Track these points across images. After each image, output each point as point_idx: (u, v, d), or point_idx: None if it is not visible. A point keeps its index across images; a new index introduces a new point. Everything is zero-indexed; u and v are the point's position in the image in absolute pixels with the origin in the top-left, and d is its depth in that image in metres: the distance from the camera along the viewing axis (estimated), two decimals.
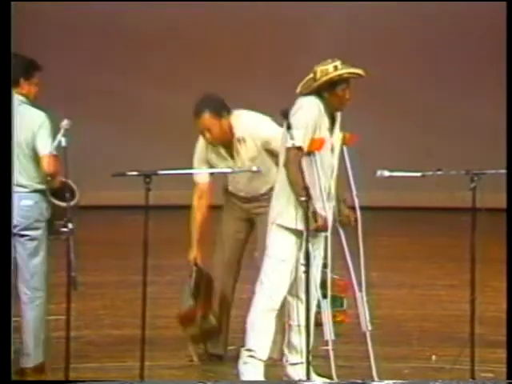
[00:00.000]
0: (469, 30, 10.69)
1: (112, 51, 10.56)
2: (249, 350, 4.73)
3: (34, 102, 4.94)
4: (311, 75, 4.75)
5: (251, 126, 5.12)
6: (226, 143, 5.12)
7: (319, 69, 4.73)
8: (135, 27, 10.58)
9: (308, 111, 4.71)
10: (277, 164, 4.93)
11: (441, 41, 10.69)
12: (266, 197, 5.05)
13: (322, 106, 4.73)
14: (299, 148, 4.65)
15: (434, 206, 10.19)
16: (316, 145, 4.70)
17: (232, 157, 5.13)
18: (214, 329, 5.17)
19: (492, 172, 4.79)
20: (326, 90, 4.71)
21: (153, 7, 10.50)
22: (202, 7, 10.53)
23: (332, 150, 4.78)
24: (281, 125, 4.80)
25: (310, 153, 4.71)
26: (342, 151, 4.84)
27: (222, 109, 5.09)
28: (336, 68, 4.71)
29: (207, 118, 5.06)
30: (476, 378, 4.68)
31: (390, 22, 10.66)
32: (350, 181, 4.83)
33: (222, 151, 5.15)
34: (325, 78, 4.69)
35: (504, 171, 4.92)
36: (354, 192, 4.84)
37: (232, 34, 10.52)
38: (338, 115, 4.84)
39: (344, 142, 4.84)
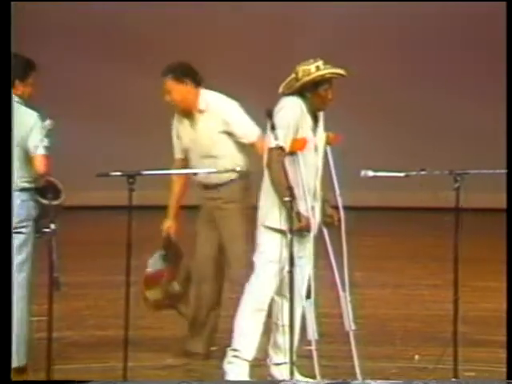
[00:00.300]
0: (454, 30, 10.72)
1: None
2: (234, 350, 4.72)
3: (28, 102, 4.92)
4: (293, 75, 4.75)
5: (215, 102, 5.19)
6: (189, 113, 5.19)
7: (301, 69, 4.72)
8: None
9: (289, 111, 4.70)
10: (239, 151, 4.97)
11: (425, 41, 10.71)
12: (225, 187, 5.07)
13: (304, 106, 4.73)
14: (281, 148, 4.65)
15: (417, 205, 10.20)
16: (298, 145, 4.70)
17: (194, 128, 5.20)
18: (177, 296, 5.20)
19: (475, 172, 4.80)
20: (309, 90, 4.71)
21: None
22: (195, 7, 10.51)
23: (315, 149, 4.77)
24: (266, 125, 4.79)
25: (292, 153, 4.71)
26: (325, 151, 4.83)
27: (185, 75, 5.17)
28: (318, 68, 4.70)
29: (169, 80, 5.17)
30: (459, 378, 4.68)
31: (376, 21, 10.67)
32: (334, 180, 4.82)
33: (186, 121, 5.24)
34: (307, 78, 4.69)
35: (487, 171, 4.93)
36: (338, 192, 4.83)
37: (226, 34, 10.53)
38: (321, 115, 4.83)
39: (328, 142, 4.84)
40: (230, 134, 5.12)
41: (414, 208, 10.21)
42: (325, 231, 4.80)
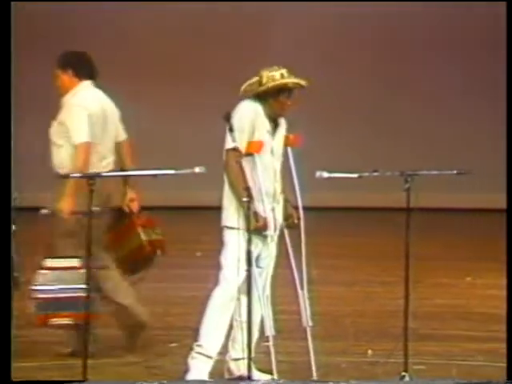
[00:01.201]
0: (406, 30, 10.80)
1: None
2: (199, 346, 4.77)
3: None
4: (257, 78, 4.82)
5: (75, 96, 5.41)
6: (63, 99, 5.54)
7: (265, 74, 4.81)
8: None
9: (246, 115, 4.79)
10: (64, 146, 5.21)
11: (379, 42, 10.79)
12: (62, 181, 5.18)
13: (262, 110, 4.81)
14: (236, 150, 4.74)
15: (370, 205, 10.31)
16: (254, 147, 4.78)
17: (60, 112, 5.49)
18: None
19: (425, 173, 4.88)
20: (271, 96, 4.81)
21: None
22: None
23: (272, 152, 4.84)
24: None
25: (249, 155, 4.78)
26: (286, 152, 4.90)
27: (65, 65, 5.47)
28: (282, 76, 4.80)
29: (55, 67, 5.50)
30: (408, 371, 4.77)
31: (327, 23, 10.73)
32: (294, 181, 4.89)
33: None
34: (271, 84, 4.78)
35: (436, 172, 5.02)
36: (298, 192, 4.90)
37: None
38: (283, 120, 4.91)
39: (288, 143, 4.91)
40: (64, 128, 5.35)
41: (366, 208, 10.32)
42: (285, 231, 4.86)
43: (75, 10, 10.44)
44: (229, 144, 4.74)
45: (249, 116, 4.78)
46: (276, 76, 4.77)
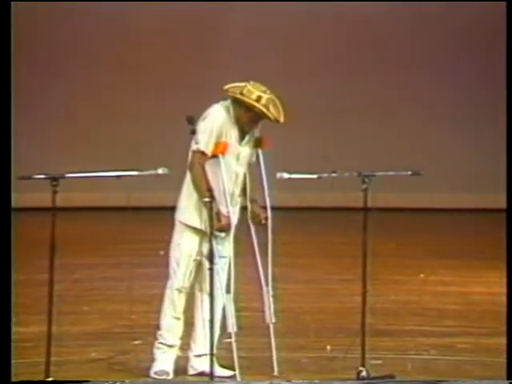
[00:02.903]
0: (370, 30, 10.81)
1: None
2: (160, 336, 4.88)
3: None
4: (243, 85, 4.82)
5: None
6: None
7: (249, 87, 4.81)
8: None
9: (214, 118, 4.81)
10: None
11: (346, 46, 10.80)
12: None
13: (233, 116, 4.81)
14: (202, 152, 4.76)
15: (328, 205, 10.35)
16: (220, 148, 4.79)
17: None
18: None
19: (381, 174, 4.91)
20: (244, 108, 4.81)
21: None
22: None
23: (237, 157, 4.85)
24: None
25: (214, 156, 4.79)
26: (257, 154, 4.90)
27: None
28: (259, 99, 4.78)
29: None
30: (365, 366, 4.79)
31: (284, 22, 10.71)
32: (264, 182, 4.88)
33: None
34: (245, 100, 4.78)
35: (392, 173, 5.05)
36: (267, 192, 4.91)
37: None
38: (255, 131, 4.89)
39: (259, 145, 4.90)
40: None
41: (325, 208, 10.36)
42: (252, 229, 4.87)
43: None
44: (193, 146, 4.75)
45: (218, 119, 4.79)
46: (253, 96, 4.76)
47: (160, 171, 4.87)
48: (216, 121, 4.77)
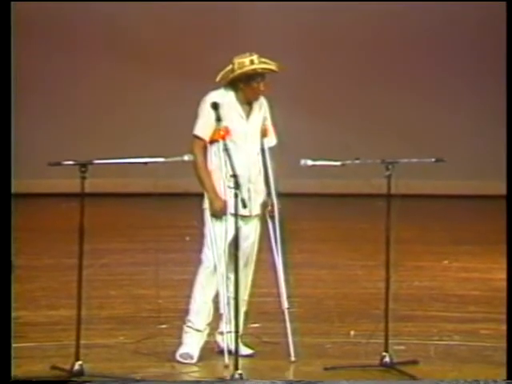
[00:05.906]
0: (389, 29, 10.77)
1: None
2: (188, 321, 4.88)
3: None
4: (230, 66, 4.81)
5: None
6: None
7: (237, 61, 4.80)
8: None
9: (207, 102, 4.77)
10: None
11: (365, 39, 10.75)
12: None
13: (235, 97, 4.80)
14: (198, 137, 4.80)
15: (352, 192, 10.30)
16: (218, 134, 4.77)
17: None
18: None
19: (405, 161, 4.87)
20: (242, 82, 4.79)
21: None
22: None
23: (245, 136, 4.81)
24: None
25: (215, 141, 4.78)
26: (262, 143, 4.87)
27: None
28: (252, 62, 4.77)
29: None
30: (389, 351, 4.76)
31: (317, 18, 10.67)
32: (269, 170, 4.86)
33: None
34: (240, 71, 4.76)
35: (415, 160, 5.01)
36: (271, 180, 4.87)
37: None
38: (260, 103, 4.85)
39: (264, 135, 4.87)
40: None
41: (348, 194, 10.32)
42: (268, 219, 4.86)
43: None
44: (193, 131, 4.81)
45: (212, 100, 4.75)
46: (246, 62, 4.75)
47: (186, 158, 4.87)
48: (209, 106, 4.73)
